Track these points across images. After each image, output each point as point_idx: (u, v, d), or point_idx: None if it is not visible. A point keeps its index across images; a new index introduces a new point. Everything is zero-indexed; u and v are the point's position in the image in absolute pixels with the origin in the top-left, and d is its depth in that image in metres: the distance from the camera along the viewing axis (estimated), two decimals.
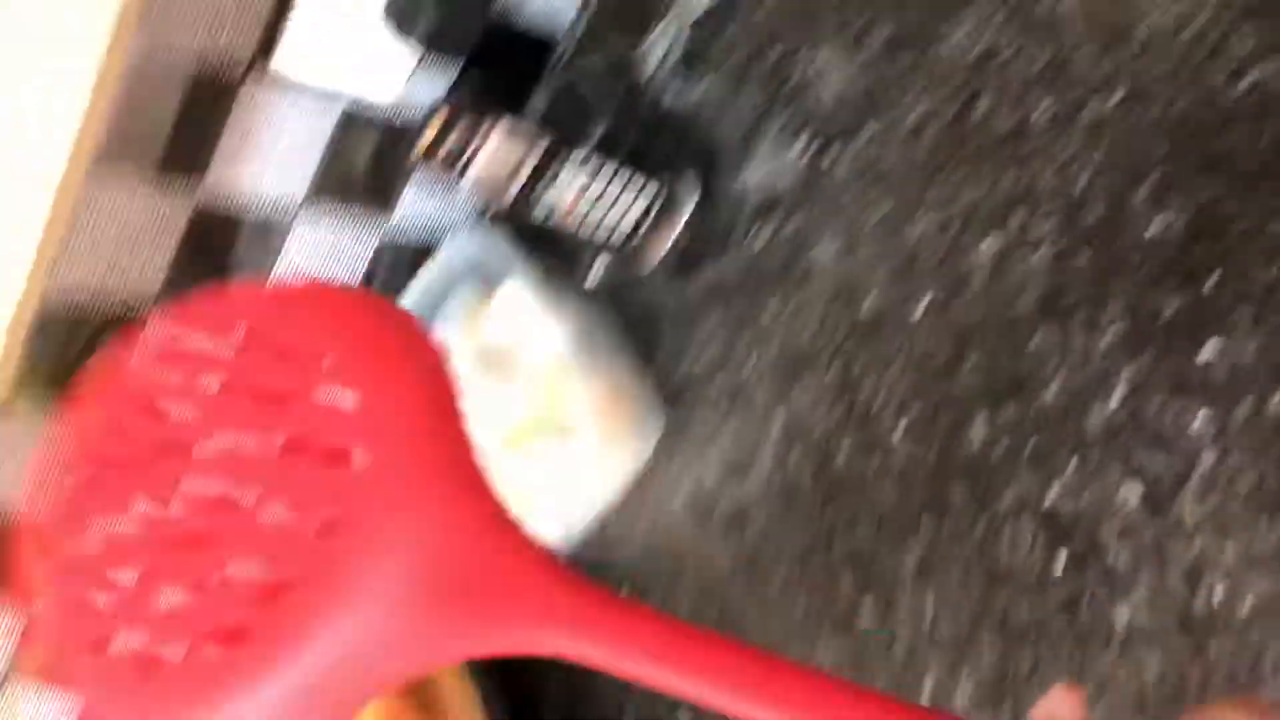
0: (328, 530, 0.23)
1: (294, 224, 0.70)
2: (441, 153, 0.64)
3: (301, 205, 0.70)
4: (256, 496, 0.24)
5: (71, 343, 0.68)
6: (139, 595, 0.24)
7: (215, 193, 0.67)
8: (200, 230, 0.68)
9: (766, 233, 0.58)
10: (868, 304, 0.53)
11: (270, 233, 0.71)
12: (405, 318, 0.28)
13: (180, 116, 0.64)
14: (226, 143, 0.66)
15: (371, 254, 0.74)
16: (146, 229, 0.67)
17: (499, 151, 0.64)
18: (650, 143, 0.63)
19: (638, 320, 0.63)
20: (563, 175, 0.63)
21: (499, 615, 0.24)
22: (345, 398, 0.25)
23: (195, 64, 0.61)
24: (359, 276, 0.75)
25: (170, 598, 0.23)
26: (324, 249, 0.73)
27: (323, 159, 0.69)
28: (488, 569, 0.24)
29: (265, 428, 0.24)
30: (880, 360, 0.52)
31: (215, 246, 0.69)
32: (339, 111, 0.66)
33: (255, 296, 0.28)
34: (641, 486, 0.61)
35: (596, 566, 0.65)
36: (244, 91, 0.63)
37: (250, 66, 0.62)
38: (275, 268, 0.72)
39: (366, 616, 0.23)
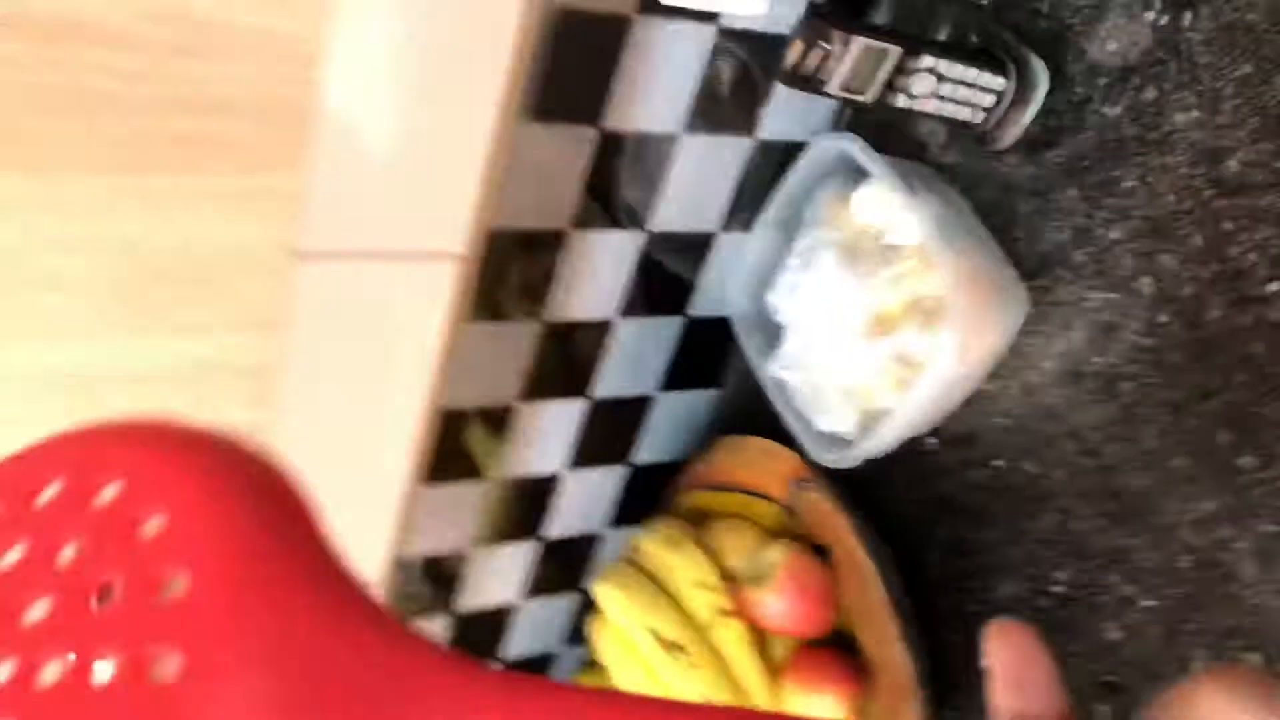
0: (163, 672, 0.21)
1: (676, 144, 0.80)
2: (804, 64, 0.71)
3: (683, 125, 0.80)
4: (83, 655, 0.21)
5: (506, 260, 0.82)
6: None
7: (612, 129, 0.78)
8: (600, 163, 0.80)
9: (1122, 103, 0.60)
10: (1232, 165, 0.54)
11: (658, 156, 0.81)
12: (222, 444, 0.25)
13: (579, 61, 0.75)
14: (620, 81, 0.77)
15: (742, 162, 0.84)
16: (558, 168, 0.80)
17: (856, 59, 0.71)
18: (996, 34, 0.67)
19: (995, 202, 0.67)
20: (915, 76, 0.69)
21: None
22: (151, 525, 0.23)
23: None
24: (732, 184, 0.84)
25: None
26: (703, 164, 0.83)
27: (699, 80, 0.79)
28: (357, 674, 0.22)
29: (73, 583, 0.22)
30: (1248, 218, 0.54)
31: (609, 177, 0.81)
32: (713, 31, 0.75)
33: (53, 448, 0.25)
34: (1010, 359, 0.65)
35: (967, 438, 0.71)
36: (634, 25, 0.73)
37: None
38: (662, 187, 0.83)
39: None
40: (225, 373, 0.41)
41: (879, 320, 0.72)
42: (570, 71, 0.77)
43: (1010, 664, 0.26)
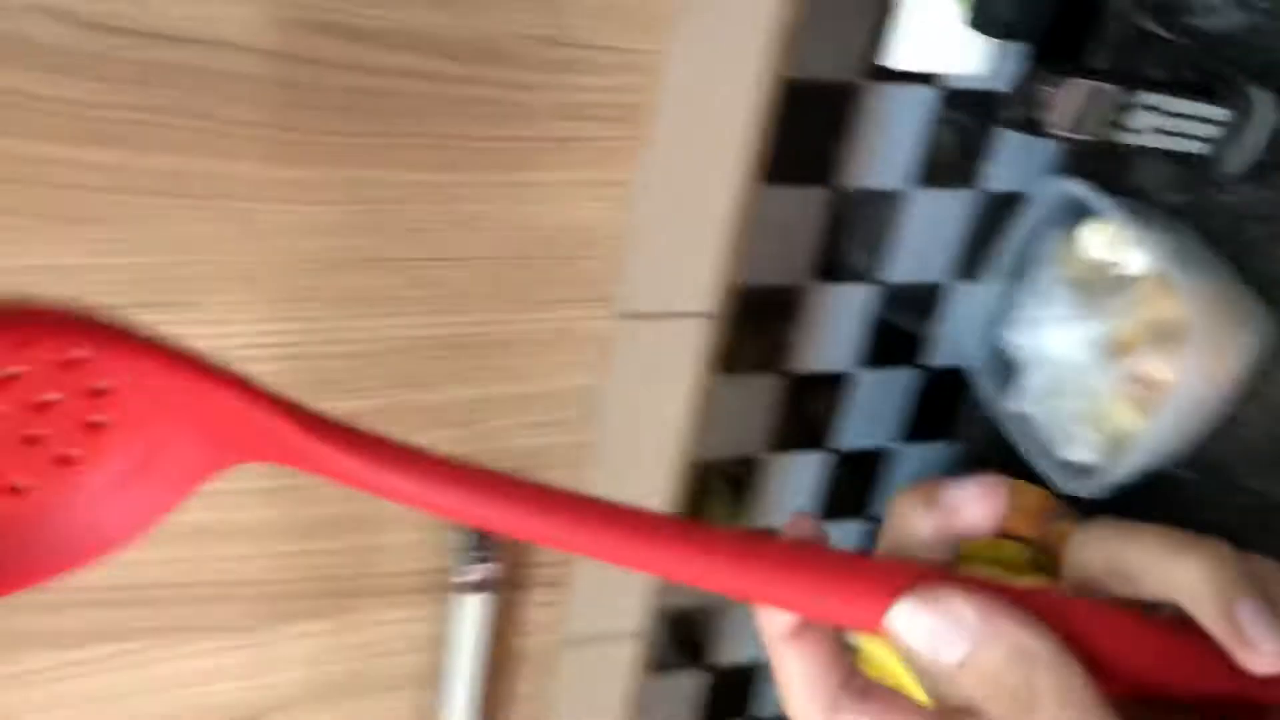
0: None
1: (906, 200, 0.87)
2: (1025, 108, 0.77)
3: (912, 181, 0.86)
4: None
5: (749, 315, 0.89)
6: None
7: (844, 188, 0.85)
8: (834, 220, 0.87)
9: None
10: None
11: (888, 212, 0.88)
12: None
13: (812, 125, 0.83)
14: (850, 142, 0.84)
15: (970, 213, 0.89)
16: (796, 227, 0.87)
17: (1075, 100, 0.76)
18: (1212, 67, 0.70)
19: (1225, 230, 0.68)
20: (1134, 113, 0.73)
21: (233, 449, 0.29)
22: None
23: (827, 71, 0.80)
24: (961, 235, 0.89)
25: None
26: (932, 218, 0.89)
27: (925, 137, 0.85)
28: (220, 419, 0.29)
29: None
30: None
31: (844, 231, 0.87)
32: (935, 92, 0.82)
33: None
34: (1258, 383, 0.65)
35: (1219, 465, 0.70)
36: (862, 90, 0.81)
37: (866, 65, 0.80)
38: (894, 241, 0.89)
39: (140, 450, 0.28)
40: (568, 341, 0.49)
41: (1116, 345, 0.75)
42: (804, 136, 0.85)
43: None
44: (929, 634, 0.24)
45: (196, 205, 0.41)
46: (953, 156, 0.90)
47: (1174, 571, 0.24)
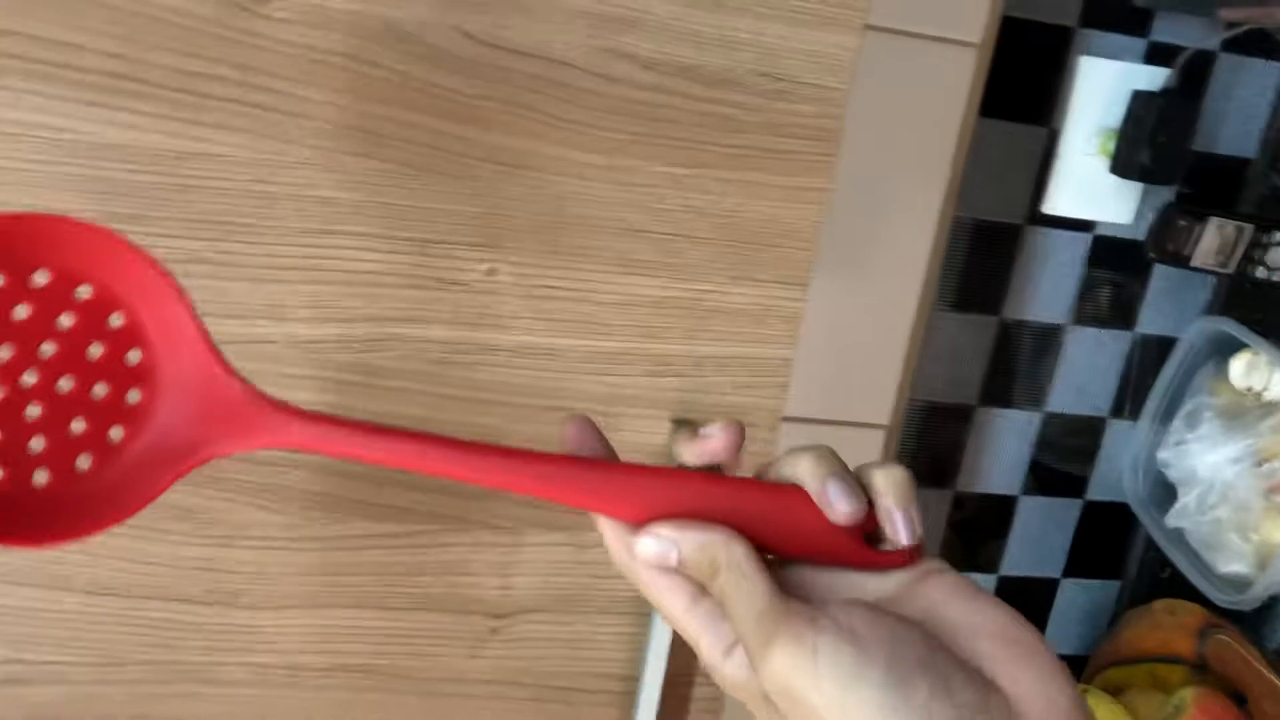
0: (128, 391, 0.39)
1: (1065, 335, 0.98)
2: (1170, 242, 0.90)
3: (1069, 323, 0.98)
4: (69, 380, 0.38)
5: (920, 431, 1.00)
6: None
7: (1009, 318, 0.97)
8: (1000, 347, 0.99)
9: None
10: None
11: (1047, 345, 0.99)
12: (125, 243, 0.39)
13: (981, 261, 0.97)
14: (1015, 278, 0.97)
15: (1126, 352, 1.00)
16: (966, 351, 0.99)
17: (1215, 237, 0.89)
18: None
19: None
20: (1272, 250, 0.85)
21: (239, 431, 0.39)
22: (116, 319, 0.39)
23: (994, 214, 0.95)
24: (1119, 372, 0.99)
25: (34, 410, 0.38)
26: (1091, 354, 1.00)
27: (1080, 278, 0.98)
28: (229, 407, 0.39)
29: (61, 340, 0.38)
30: None
31: (1009, 359, 0.99)
32: (1090, 237, 0.96)
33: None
34: None
35: None
36: (1024, 232, 0.95)
37: (1029, 212, 0.95)
38: (1055, 373, 1.00)
39: (159, 432, 0.38)
40: (772, 316, 0.63)
41: (1263, 462, 0.83)
42: (975, 269, 0.99)
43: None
44: (656, 554, 0.38)
45: (516, 173, 0.59)
46: (1108, 297, 1.03)
47: (798, 464, 0.38)
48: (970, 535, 1.05)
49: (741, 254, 0.62)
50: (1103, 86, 0.97)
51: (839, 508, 0.37)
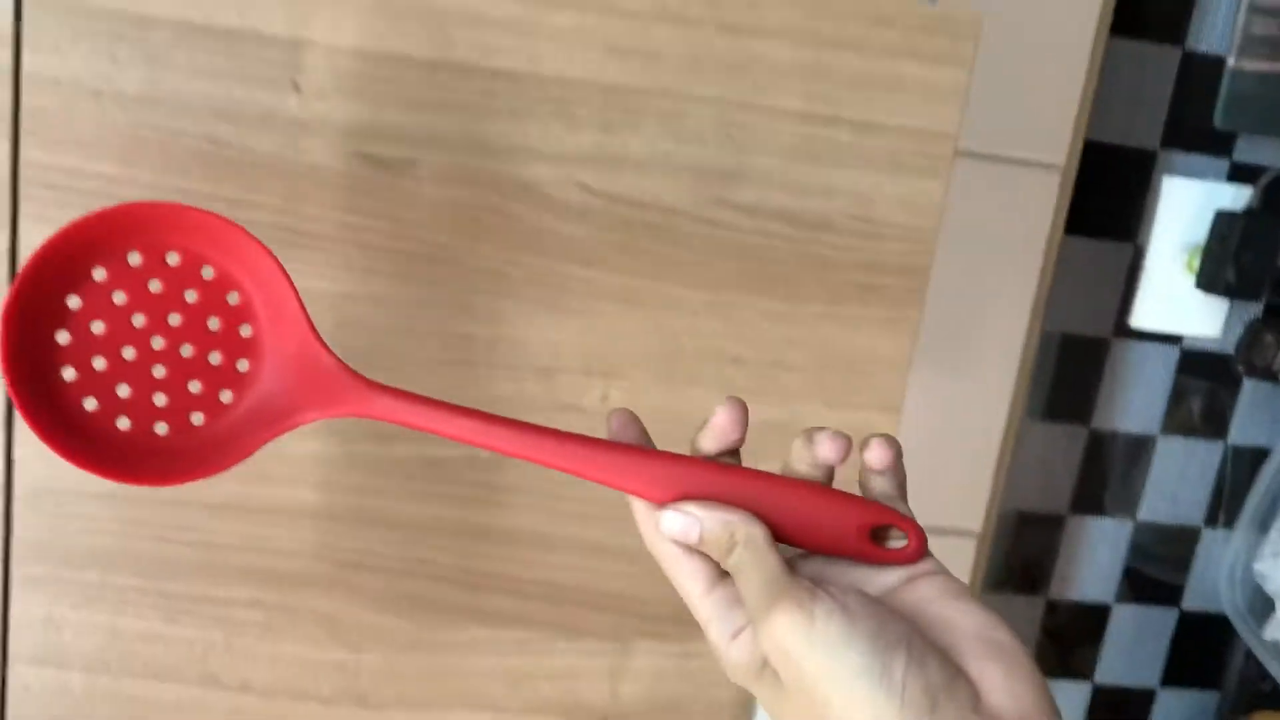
0: (238, 361, 0.47)
1: (1155, 445, 1.00)
2: (1256, 355, 0.92)
3: (1159, 433, 1.00)
4: (190, 347, 0.47)
5: (1012, 538, 1.02)
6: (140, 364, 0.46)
7: (1099, 428, 1.00)
8: (1090, 456, 1.01)
9: None
10: None
11: (1138, 455, 1.01)
12: (248, 235, 0.47)
13: (1070, 371, 1.00)
14: (1104, 390, 1.00)
15: (1218, 463, 1.01)
16: (1056, 459, 1.02)
17: None
18: None
19: None
20: None
21: (329, 400, 0.46)
22: (233, 297, 0.47)
23: (1079, 328, 0.98)
24: (1211, 483, 1.01)
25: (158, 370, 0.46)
26: (1182, 464, 1.01)
27: (1169, 389, 1.00)
28: (323, 378, 0.46)
29: (185, 313, 0.47)
30: None
31: (1100, 468, 1.01)
32: (1178, 350, 0.98)
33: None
34: None
35: None
36: (1112, 345, 0.98)
37: (1116, 327, 0.98)
38: (1146, 482, 1.01)
39: (260, 396, 0.47)
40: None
41: None
42: (1064, 381, 1.01)
43: (721, 422, 0.48)
44: (681, 529, 0.43)
45: (631, 309, 0.65)
46: (1198, 408, 1.04)
47: (793, 445, 0.46)
48: (1063, 642, 1.06)
49: (837, 381, 0.66)
50: (1186, 205, 1.01)
51: (821, 439, 0.45)
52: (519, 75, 0.61)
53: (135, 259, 0.46)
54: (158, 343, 0.47)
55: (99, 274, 0.46)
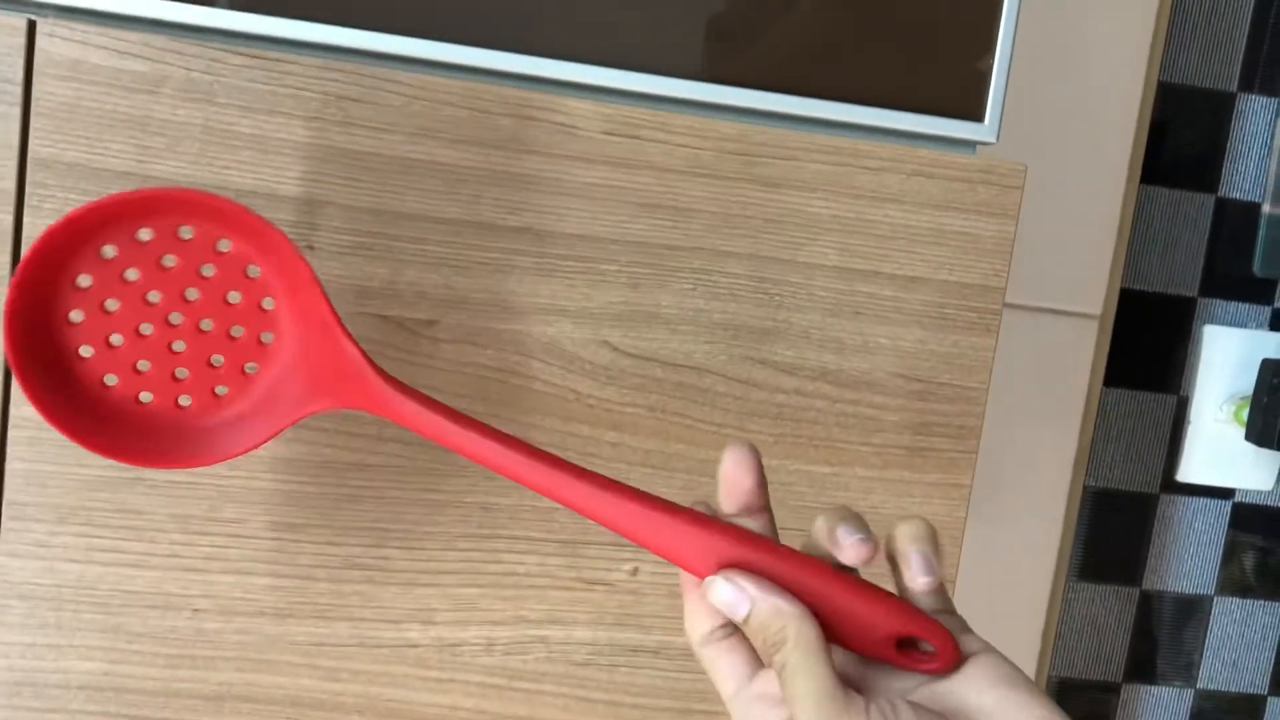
0: (262, 333, 0.48)
1: (1211, 606, 0.94)
2: None
3: (1214, 593, 0.94)
4: (210, 321, 0.48)
5: (1072, 706, 0.95)
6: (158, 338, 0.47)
7: (1149, 589, 0.94)
8: (1143, 619, 0.95)
9: None
10: None
11: (1191, 616, 0.95)
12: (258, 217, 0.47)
13: (1116, 530, 0.95)
14: (1153, 548, 0.95)
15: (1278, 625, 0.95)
16: (1107, 623, 0.96)
17: None
18: None
19: None
20: None
21: (346, 388, 0.46)
22: (252, 270, 0.48)
23: (1124, 483, 0.94)
24: (1275, 645, 0.95)
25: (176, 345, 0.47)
26: (1241, 628, 0.95)
27: (1223, 546, 0.95)
28: (343, 363, 0.46)
29: (204, 288, 0.47)
30: None
31: (1153, 632, 0.95)
32: (1229, 506, 0.93)
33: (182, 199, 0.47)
34: None
35: None
36: (1161, 502, 0.93)
37: (1163, 482, 0.93)
38: (1203, 647, 0.95)
39: (284, 372, 0.47)
40: None
41: None
42: (1111, 539, 0.96)
43: (728, 472, 0.44)
44: (728, 601, 0.39)
45: (665, 475, 0.60)
46: (1254, 566, 0.99)
47: (816, 523, 0.42)
48: None
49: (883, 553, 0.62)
50: (1229, 354, 0.97)
51: (845, 542, 0.40)
52: (544, 233, 0.58)
53: (146, 235, 0.46)
54: (176, 318, 0.47)
55: (109, 251, 0.46)
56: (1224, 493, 0.99)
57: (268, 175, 0.56)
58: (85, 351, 0.47)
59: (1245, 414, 0.97)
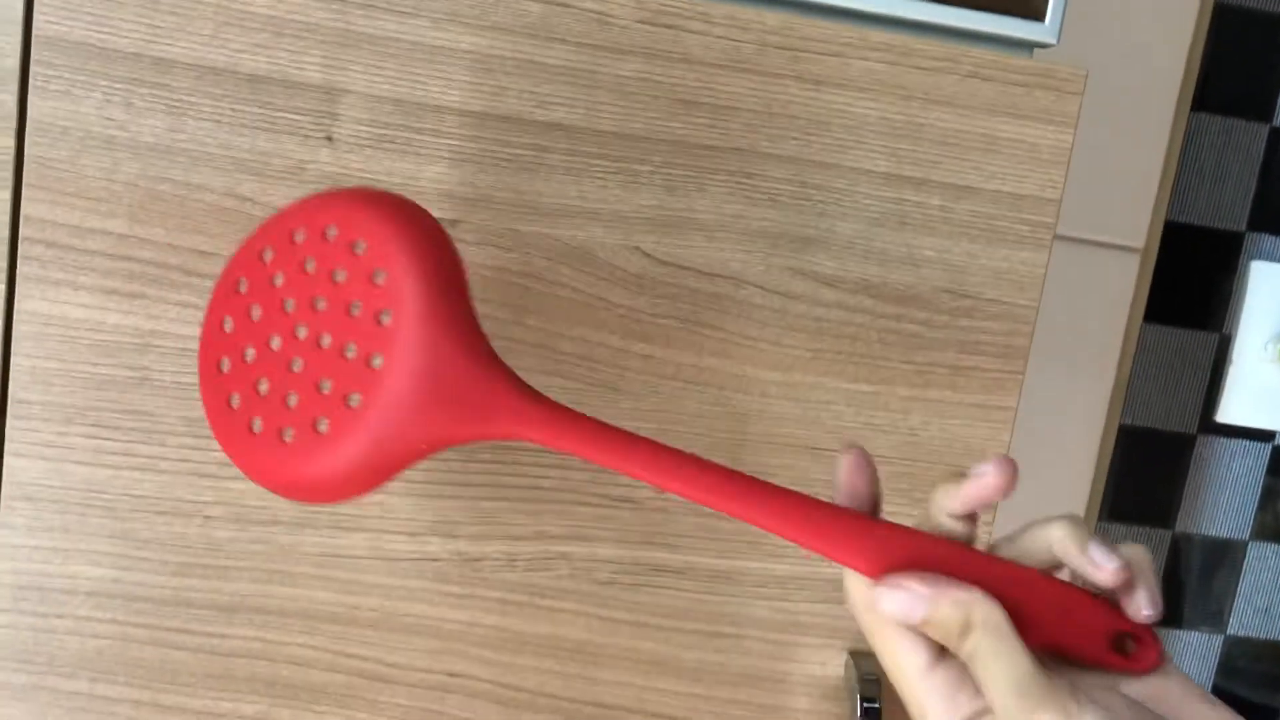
0: (373, 355, 0.38)
1: (1245, 555, 0.92)
2: None
3: (1249, 538, 0.92)
4: (329, 337, 0.39)
5: None
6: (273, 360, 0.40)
7: (1182, 532, 0.92)
8: (1173, 565, 0.93)
9: None
10: None
11: (1224, 560, 0.93)
12: (421, 212, 0.42)
13: (1150, 470, 0.92)
14: (1188, 490, 0.92)
15: None
16: None
17: None
18: None
19: None
20: None
21: (481, 416, 0.39)
22: (379, 276, 0.39)
23: (1161, 422, 0.91)
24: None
25: (291, 369, 0.39)
26: (1276, 570, 0.93)
27: (1260, 490, 0.92)
28: (474, 387, 0.39)
29: (331, 296, 0.40)
30: None
31: (1184, 576, 0.93)
32: (1269, 448, 0.90)
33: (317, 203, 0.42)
34: None
35: None
36: (1199, 443, 0.90)
37: (1201, 422, 0.90)
38: (1236, 592, 0.93)
39: (405, 408, 0.38)
40: None
41: None
42: (1144, 480, 0.93)
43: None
44: (902, 610, 0.37)
45: (696, 390, 0.58)
46: None
47: (1049, 532, 0.39)
48: None
49: (924, 476, 0.59)
50: (1276, 292, 0.94)
51: (1106, 566, 0.37)
52: (575, 129, 0.55)
53: (300, 236, 0.41)
54: (302, 331, 0.40)
55: (268, 255, 0.42)
56: (1265, 435, 0.96)
57: (284, 59, 0.53)
58: (225, 366, 0.42)
59: None
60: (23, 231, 0.53)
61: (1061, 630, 0.38)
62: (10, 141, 0.53)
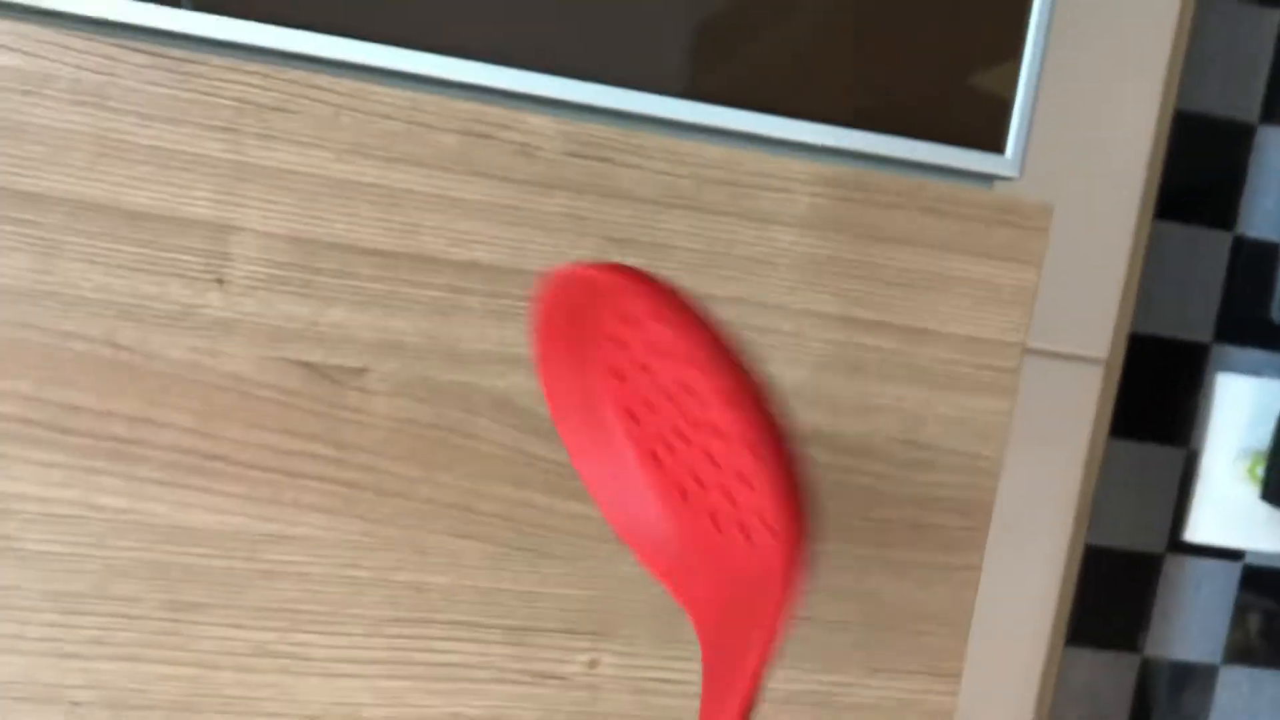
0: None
1: (1217, 680, 0.87)
2: None
3: (1220, 662, 0.87)
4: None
5: None
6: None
7: (1151, 656, 0.87)
8: (1143, 689, 0.88)
9: None
10: None
11: (1196, 685, 0.88)
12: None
13: (1116, 592, 0.88)
14: (1156, 611, 0.87)
15: None
16: (1105, 691, 0.88)
17: None
18: None
19: None
20: None
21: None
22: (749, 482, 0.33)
23: (1128, 542, 0.86)
24: None
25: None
26: (1249, 700, 0.88)
27: (1231, 612, 0.88)
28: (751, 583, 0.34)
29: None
30: None
31: (1154, 703, 0.88)
32: (1239, 567, 0.86)
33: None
34: None
35: None
36: (1167, 563, 0.86)
37: (1169, 541, 0.86)
38: (1208, 717, 0.88)
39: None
40: (913, 713, 0.54)
41: None
42: (1112, 602, 0.89)
43: None
44: None
45: (630, 551, 0.52)
46: (1265, 633, 0.92)
47: None
48: None
49: (884, 641, 0.54)
50: (1244, 405, 0.90)
51: None
52: (496, 268, 0.50)
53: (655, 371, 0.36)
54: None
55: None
56: (1234, 554, 0.91)
57: (169, 195, 0.47)
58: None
59: (1260, 470, 0.90)
60: None
61: None
62: None
